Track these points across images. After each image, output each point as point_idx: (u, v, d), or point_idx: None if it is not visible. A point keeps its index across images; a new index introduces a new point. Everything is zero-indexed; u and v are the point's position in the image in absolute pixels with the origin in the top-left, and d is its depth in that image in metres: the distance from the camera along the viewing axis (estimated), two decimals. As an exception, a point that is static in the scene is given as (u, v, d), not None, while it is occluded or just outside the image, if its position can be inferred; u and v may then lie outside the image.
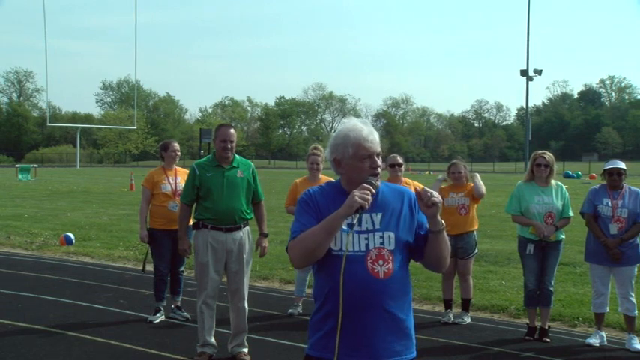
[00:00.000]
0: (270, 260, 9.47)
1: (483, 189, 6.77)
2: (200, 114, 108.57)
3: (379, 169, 2.68)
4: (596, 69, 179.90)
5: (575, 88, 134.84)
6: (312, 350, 2.68)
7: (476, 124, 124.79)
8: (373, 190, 2.59)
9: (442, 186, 6.98)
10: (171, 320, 6.65)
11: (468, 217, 6.75)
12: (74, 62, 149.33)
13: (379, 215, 2.66)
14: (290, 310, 6.98)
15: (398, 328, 2.63)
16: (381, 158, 2.72)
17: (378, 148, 2.70)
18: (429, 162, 79.57)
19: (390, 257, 2.61)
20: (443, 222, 2.68)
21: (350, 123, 2.75)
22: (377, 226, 2.64)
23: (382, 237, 2.63)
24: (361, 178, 2.64)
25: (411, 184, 6.67)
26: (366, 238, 2.62)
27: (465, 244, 6.73)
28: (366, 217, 2.65)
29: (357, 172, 2.67)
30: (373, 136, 2.69)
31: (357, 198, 2.51)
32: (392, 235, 2.63)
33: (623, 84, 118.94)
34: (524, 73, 64.03)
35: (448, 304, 6.87)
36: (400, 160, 6.75)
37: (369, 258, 2.60)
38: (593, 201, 6.08)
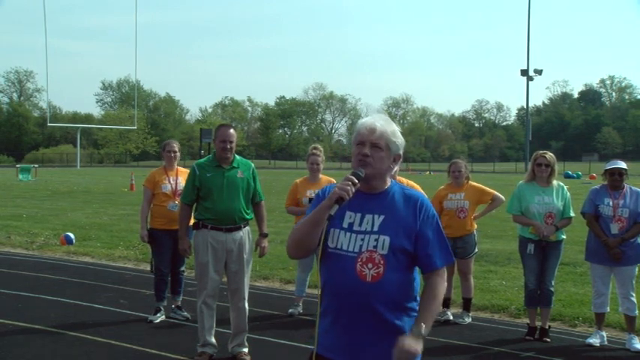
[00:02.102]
0: (271, 260, 9.46)
1: (498, 200, 6.87)
2: (200, 114, 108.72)
3: (367, 158, 2.62)
4: (596, 69, 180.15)
5: (576, 88, 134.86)
6: (316, 346, 2.72)
7: (476, 124, 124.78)
8: (355, 180, 2.57)
9: (441, 187, 7.01)
10: (172, 320, 6.65)
11: (466, 220, 6.75)
12: (74, 62, 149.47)
13: (381, 218, 2.62)
14: (290, 310, 6.98)
15: (388, 332, 2.58)
16: (382, 152, 2.63)
17: (375, 139, 2.63)
18: (429, 162, 79.55)
19: (382, 262, 2.56)
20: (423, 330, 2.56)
21: None
22: (375, 229, 2.60)
23: (377, 240, 2.58)
24: (354, 166, 2.66)
25: (405, 182, 6.65)
26: (362, 239, 2.60)
27: (464, 244, 6.73)
28: (368, 217, 2.63)
29: (353, 158, 2.70)
30: (373, 126, 2.65)
31: (336, 189, 2.54)
32: (387, 239, 2.58)
33: (623, 84, 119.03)
34: (524, 73, 63.99)
35: (446, 303, 6.86)
36: None
37: (359, 260, 2.58)
38: (594, 201, 6.08)
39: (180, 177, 6.77)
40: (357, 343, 2.60)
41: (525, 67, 63.79)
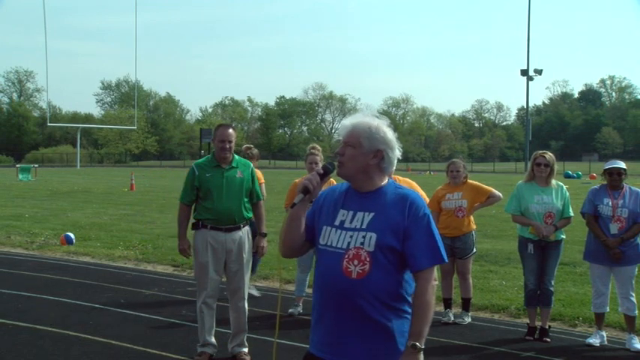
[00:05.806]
0: (270, 260, 9.45)
1: (496, 197, 6.84)
2: (200, 114, 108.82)
3: (341, 157, 2.67)
4: (596, 69, 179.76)
5: (576, 88, 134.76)
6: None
7: (476, 124, 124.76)
8: (321, 171, 2.70)
9: (439, 187, 7.02)
10: (171, 320, 6.65)
11: (465, 219, 6.75)
12: (74, 62, 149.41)
13: (371, 215, 2.61)
14: (290, 310, 6.98)
15: (375, 330, 2.56)
16: (352, 149, 2.65)
17: (345, 137, 2.68)
18: (429, 162, 79.54)
19: (368, 259, 2.55)
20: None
21: None
22: (363, 226, 2.60)
23: (364, 237, 2.57)
24: None
25: (401, 181, 6.64)
26: (351, 236, 2.60)
27: (462, 244, 6.73)
28: (359, 215, 2.63)
29: None
30: (344, 123, 2.72)
31: (303, 179, 2.70)
32: (373, 236, 2.56)
33: (623, 84, 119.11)
34: (524, 73, 63.80)
35: (447, 303, 6.86)
36: None
37: (346, 256, 2.58)
38: (594, 201, 6.08)
39: None
40: (341, 340, 2.58)
41: (525, 67, 63.64)
